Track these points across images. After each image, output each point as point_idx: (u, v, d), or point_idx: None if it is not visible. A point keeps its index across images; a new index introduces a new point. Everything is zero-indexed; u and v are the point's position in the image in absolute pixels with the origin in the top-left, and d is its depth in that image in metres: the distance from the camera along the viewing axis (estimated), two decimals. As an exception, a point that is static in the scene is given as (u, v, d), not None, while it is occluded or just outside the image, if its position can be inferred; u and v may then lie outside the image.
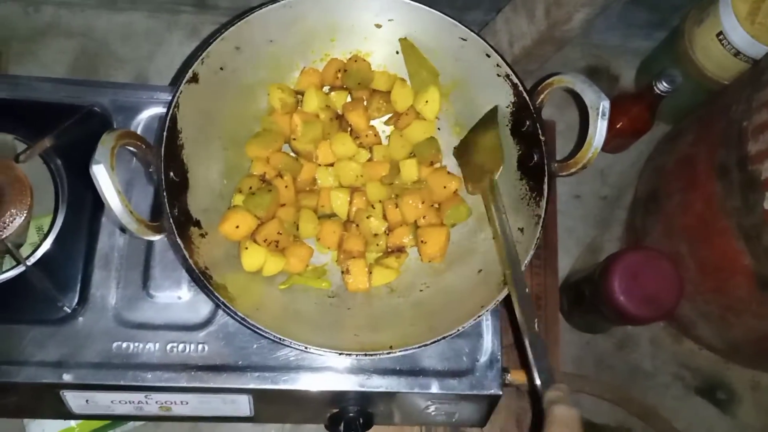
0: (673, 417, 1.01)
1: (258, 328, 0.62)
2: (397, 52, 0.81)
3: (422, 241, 0.77)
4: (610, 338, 1.12)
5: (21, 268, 0.75)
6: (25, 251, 0.80)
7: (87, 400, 0.75)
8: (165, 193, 0.64)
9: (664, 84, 1.03)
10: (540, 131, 0.72)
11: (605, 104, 0.65)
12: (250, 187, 0.76)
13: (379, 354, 0.64)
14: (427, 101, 0.79)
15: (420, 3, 0.75)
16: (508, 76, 0.74)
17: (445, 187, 0.80)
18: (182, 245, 0.63)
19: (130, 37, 1.18)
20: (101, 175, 0.56)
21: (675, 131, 1.14)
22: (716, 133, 0.91)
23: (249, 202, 0.75)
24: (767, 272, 0.81)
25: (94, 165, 0.56)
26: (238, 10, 1.13)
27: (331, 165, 0.81)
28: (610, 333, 1.12)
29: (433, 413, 0.81)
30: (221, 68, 0.72)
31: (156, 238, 0.63)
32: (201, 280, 0.63)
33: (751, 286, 0.85)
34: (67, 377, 0.72)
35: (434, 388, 0.76)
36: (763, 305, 0.86)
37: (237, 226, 0.73)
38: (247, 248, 0.72)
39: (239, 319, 0.63)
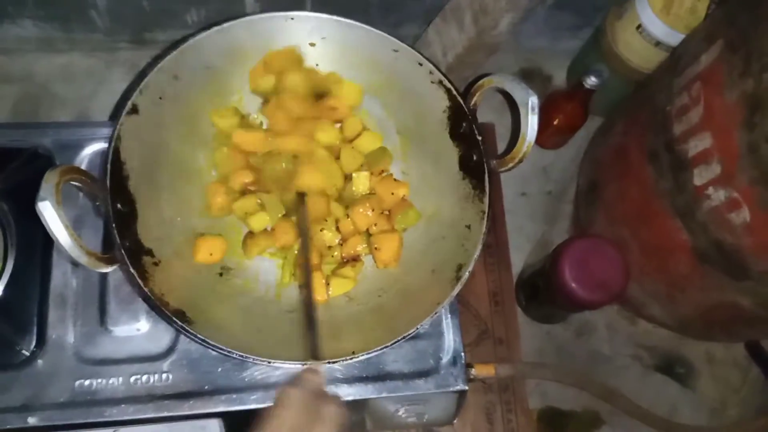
0: (636, 396, 1.04)
1: (220, 348, 0.63)
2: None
3: (376, 248, 0.79)
4: (568, 327, 1.16)
5: (-25, 317, 0.75)
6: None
7: (55, 442, 0.74)
8: (114, 225, 0.64)
9: (593, 79, 1.08)
10: (476, 131, 0.75)
11: (533, 99, 0.69)
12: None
13: (342, 360, 0.65)
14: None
15: (350, 19, 0.78)
16: (440, 81, 0.77)
17: (393, 194, 0.82)
18: (136, 274, 0.64)
19: (70, 77, 1.18)
20: (47, 211, 0.56)
21: (606, 124, 1.19)
22: (644, 120, 0.95)
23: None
24: (704, 246, 0.85)
25: (39, 202, 0.56)
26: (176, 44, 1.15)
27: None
28: (568, 322, 1.16)
29: (403, 416, 0.82)
30: (160, 97, 0.73)
31: (109, 269, 0.63)
32: (158, 306, 0.64)
33: (692, 260, 0.89)
34: (32, 420, 0.71)
35: (402, 390, 0.78)
36: (704, 278, 0.90)
37: (211, 253, 0.76)
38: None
39: (200, 341, 0.63)
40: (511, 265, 1.08)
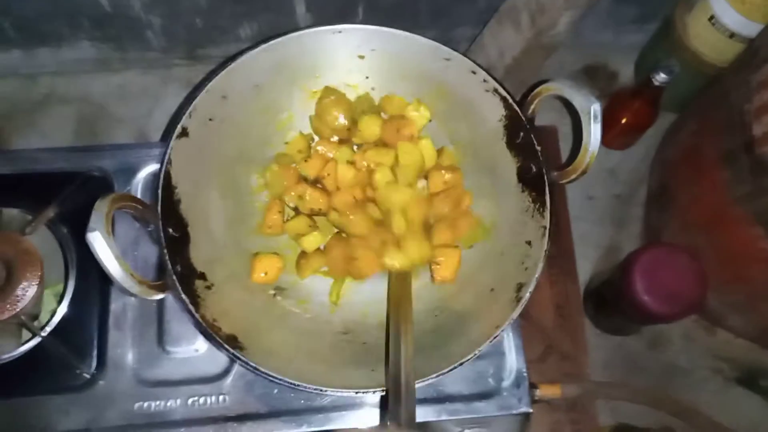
0: (717, 412, 0.97)
1: (271, 375, 0.62)
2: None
3: (436, 263, 0.77)
4: (640, 338, 1.10)
5: (38, 339, 0.76)
6: (44, 318, 0.80)
7: (116, 463, 0.74)
8: (166, 251, 0.64)
9: (662, 75, 1.02)
10: (535, 142, 0.71)
11: (596, 107, 0.64)
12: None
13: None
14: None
15: (400, 29, 0.75)
16: (495, 90, 0.73)
17: (458, 206, 0.79)
18: (187, 300, 0.63)
19: (127, 96, 1.20)
20: (97, 242, 0.56)
21: (678, 122, 1.12)
22: (718, 119, 0.89)
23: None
24: (789, 255, 0.79)
25: (89, 233, 0.56)
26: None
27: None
28: (640, 333, 1.10)
29: (465, 438, 0.79)
30: (210, 119, 0.72)
31: (161, 296, 0.63)
32: (209, 333, 0.63)
33: (775, 270, 0.82)
34: (95, 443, 0.72)
35: (463, 413, 0.75)
36: (790, 288, 0.83)
37: (265, 272, 0.75)
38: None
39: (252, 369, 0.62)
40: (577, 275, 1.04)
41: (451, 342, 0.69)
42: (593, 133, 0.65)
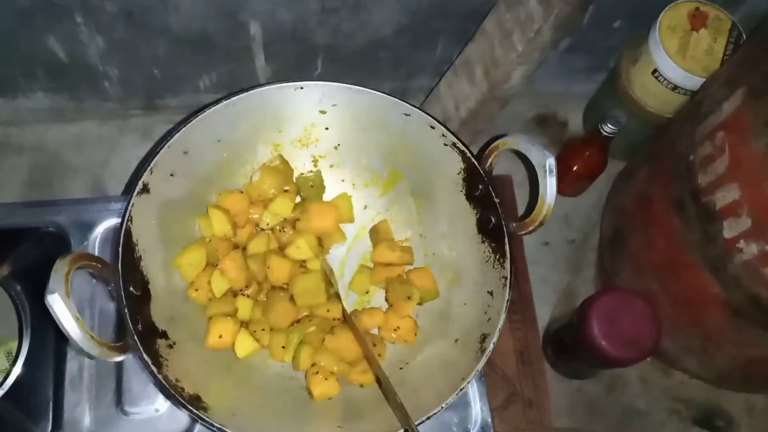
0: (676, 453, 1.00)
1: (237, 437, 0.61)
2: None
3: (394, 330, 0.78)
4: (599, 382, 1.11)
5: (-10, 403, 0.73)
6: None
7: None
8: (126, 311, 0.62)
9: (610, 126, 1.06)
10: (493, 194, 0.73)
11: (550, 161, 0.66)
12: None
13: (364, 444, 0.63)
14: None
15: (360, 85, 0.77)
16: (454, 144, 0.75)
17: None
18: (150, 361, 0.62)
19: (82, 146, 1.18)
20: (57, 305, 0.55)
21: (628, 169, 1.16)
22: (666, 168, 0.92)
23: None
24: (738, 300, 0.81)
25: (48, 295, 0.55)
26: (188, 108, 1.15)
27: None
28: (598, 377, 1.11)
29: (432, 491, 0.79)
30: (171, 174, 0.72)
31: (122, 358, 0.62)
32: (173, 395, 0.61)
33: (725, 314, 0.85)
34: None
35: (429, 464, 0.74)
36: (740, 332, 0.86)
37: (221, 336, 0.73)
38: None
39: (216, 429, 0.61)
40: (536, 320, 1.05)
41: (417, 395, 0.69)
42: (549, 186, 0.67)
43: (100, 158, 1.17)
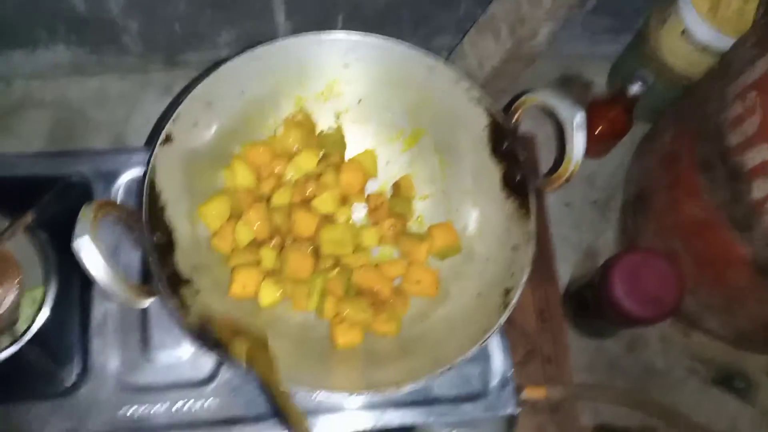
0: (694, 411, 1.00)
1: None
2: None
3: (416, 282, 0.78)
4: (619, 341, 1.11)
5: (17, 346, 0.74)
6: (23, 324, 0.79)
7: (99, 472, 0.73)
8: (152, 258, 0.63)
9: (636, 86, 1.04)
10: (519, 150, 0.72)
11: (580, 117, 0.65)
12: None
13: (386, 392, 0.63)
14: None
15: (384, 37, 0.76)
16: (479, 99, 0.74)
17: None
18: (176, 307, 0.62)
19: (104, 101, 1.18)
20: (84, 249, 0.55)
21: (653, 131, 1.14)
22: (693, 128, 0.91)
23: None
24: (764, 259, 0.80)
25: (76, 240, 0.55)
26: (208, 64, 1.15)
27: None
28: (619, 335, 1.11)
29: (452, 439, 0.80)
30: (195, 125, 0.72)
31: (148, 303, 0.62)
32: (199, 339, 0.62)
33: (750, 274, 0.84)
34: (76, 451, 0.70)
35: (449, 415, 0.76)
36: (764, 291, 0.85)
37: (244, 286, 0.74)
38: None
39: (243, 371, 0.62)
40: (557, 279, 1.05)
41: (438, 347, 0.69)
42: (577, 142, 0.66)
43: (122, 114, 1.18)
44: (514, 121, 0.73)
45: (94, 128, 1.16)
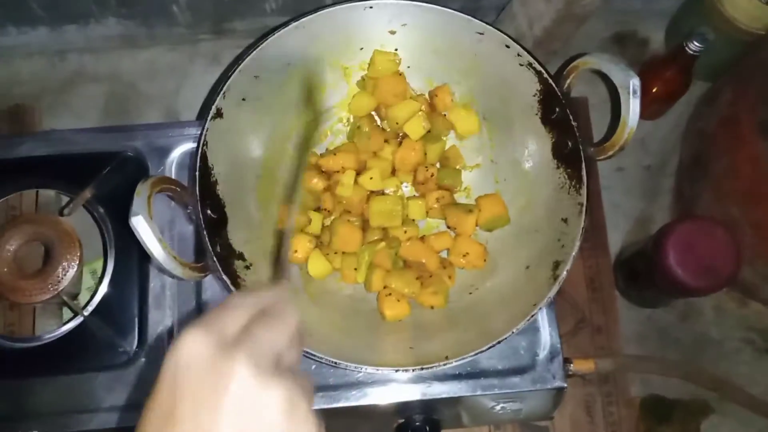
0: (748, 382, 0.98)
1: (311, 354, 0.63)
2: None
3: (463, 255, 0.77)
4: (671, 310, 1.09)
5: (80, 318, 0.77)
6: (83, 298, 0.82)
7: (160, 439, 0.76)
8: (205, 232, 0.64)
9: (695, 43, 0.99)
10: (571, 117, 0.70)
11: (635, 82, 0.63)
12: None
13: (435, 367, 0.64)
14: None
15: (431, 3, 0.74)
16: (530, 64, 0.72)
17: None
18: (228, 281, 0.64)
19: (155, 73, 1.20)
20: (141, 226, 0.57)
21: (712, 91, 1.09)
22: (756, 89, 0.87)
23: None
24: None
25: (132, 217, 0.57)
26: (255, 32, 1.15)
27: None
28: (671, 305, 1.09)
29: (499, 412, 0.80)
30: (243, 99, 0.73)
31: (201, 278, 0.64)
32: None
33: (814, 243, 0.81)
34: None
35: (496, 388, 0.75)
36: (828, 261, 0.82)
37: (296, 251, 0.76)
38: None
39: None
40: (608, 248, 1.03)
41: (486, 320, 0.69)
42: (632, 108, 0.64)
43: (172, 86, 1.19)
44: (566, 86, 0.71)
45: (146, 101, 1.18)
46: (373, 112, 0.83)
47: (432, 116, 0.81)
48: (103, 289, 0.79)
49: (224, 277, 0.64)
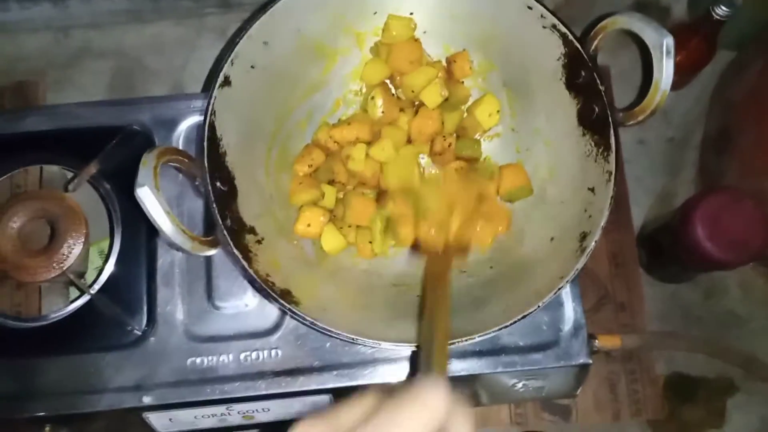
0: (775, 360, 0.95)
1: (328, 330, 0.60)
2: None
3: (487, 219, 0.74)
4: (696, 287, 1.06)
5: (87, 297, 0.75)
6: (90, 276, 0.80)
7: (170, 419, 0.74)
8: (215, 205, 0.62)
9: (723, 8, 0.95)
10: (598, 81, 0.66)
11: (668, 41, 0.60)
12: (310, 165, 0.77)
13: (458, 342, 0.61)
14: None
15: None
16: (554, 26, 0.69)
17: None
18: (240, 256, 0.61)
19: (161, 48, 1.16)
20: (147, 197, 0.54)
21: (740, 60, 1.05)
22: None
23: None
24: None
25: (138, 188, 0.54)
26: (263, 5, 1.11)
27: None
28: (695, 281, 1.06)
29: (521, 390, 0.77)
30: (252, 66, 0.69)
31: (213, 252, 0.61)
32: (264, 288, 0.61)
33: None
34: (147, 399, 0.71)
35: (518, 365, 0.73)
36: None
37: (309, 224, 0.73)
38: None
39: (308, 324, 0.60)
40: (632, 222, 1.00)
41: (509, 294, 0.66)
42: (666, 69, 0.61)
43: (180, 61, 1.16)
44: (593, 49, 0.68)
45: (153, 76, 1.15)
46: (387, 81, 0.79)
47: (449, 84, 0.77)
48: (110, 267, 0.76)
49: (235, 251, 0.61)
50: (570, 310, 0.75)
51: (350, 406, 0.33)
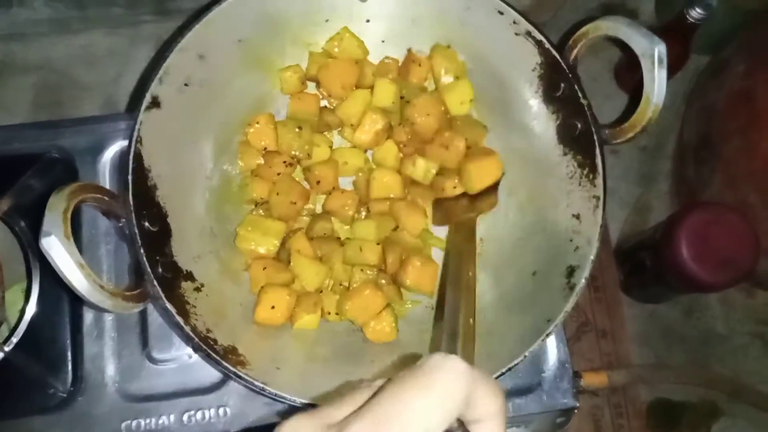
0: (759, 378, 0.91)
1: (281, 397, 0.51)
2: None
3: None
4: (675, 306, 1.00)
5: (0, 355, 0.64)
6: (7, 326, 0.69)
7: (104, 493, 0.64)
8: (142, 250, 0.52)
9: (698, 11, 0.90)
10: (580, 95, 0.59)
11: (660, 49, 0.53)
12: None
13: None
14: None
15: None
16: (529, 33, 0.61)
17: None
18: (174, 311, 0.51)
19: (92, 60, 1.06)
20: (54, 249, 0.44)
21: (718, 63, 1.00)
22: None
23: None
24: None
25: (43, 239, 0.44)
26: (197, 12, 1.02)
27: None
28: (674, 300, 1.00)
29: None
30: (186, 84, 0.60)
31: (139, 308, 0.51)
32: (203, 348, 0.52)
33: None
34: (76, 469, 0.61)
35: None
36: None
37: (273, 307, 0.61)
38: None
39: (257, 390, 0.51)
40: (610, 241, 0.93)
41: (491, 339, 0.58)
42: (657, 81, 0.54)
43: (112, 73, 1.06)
44: (572, 58, 0.60)
45: (83, 91, 1.05)
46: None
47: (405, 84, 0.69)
48: (28, 318, 0.66)
49: (168, 305, 0.51)
50: (553, 348, 0.67)
51: (342, 400, 0.29)
